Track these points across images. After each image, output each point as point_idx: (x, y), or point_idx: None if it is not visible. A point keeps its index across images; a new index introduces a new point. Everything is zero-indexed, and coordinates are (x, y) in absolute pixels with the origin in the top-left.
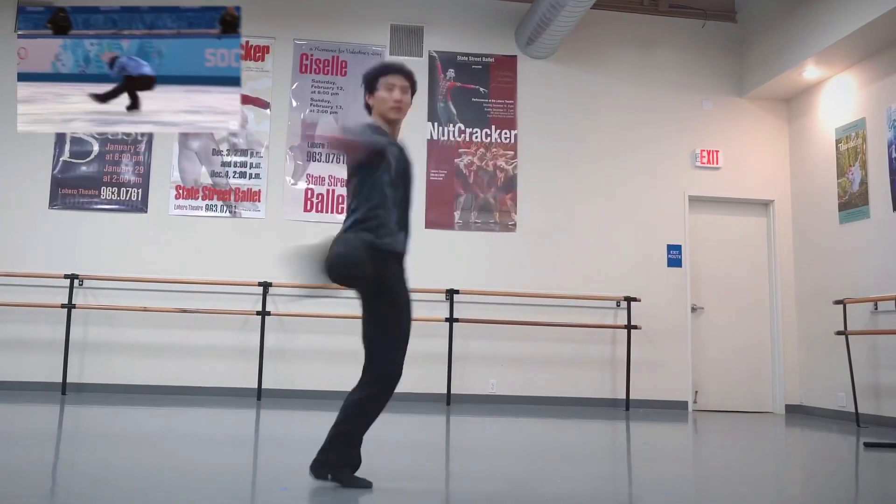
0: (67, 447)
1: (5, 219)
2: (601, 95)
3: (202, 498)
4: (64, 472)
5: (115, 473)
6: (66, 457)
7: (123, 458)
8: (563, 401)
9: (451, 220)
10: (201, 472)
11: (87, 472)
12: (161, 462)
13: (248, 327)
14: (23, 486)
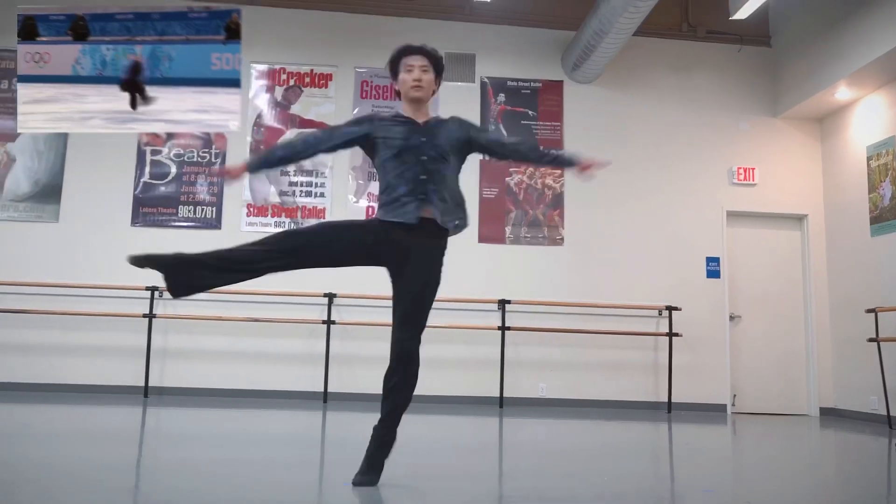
0: (150, 445)
1: (92, 235)
2: (642, 117)
3: (274, 492)
4: (147, 468)
5: (193, 469)
6: (148, 454)
7: (201, 456)
8: (609, 403)
9: (503, 235)
10: (272, 468)
11: (167, 468)
12: (235, 458)
13: (314, 335)
14: (111, 481)
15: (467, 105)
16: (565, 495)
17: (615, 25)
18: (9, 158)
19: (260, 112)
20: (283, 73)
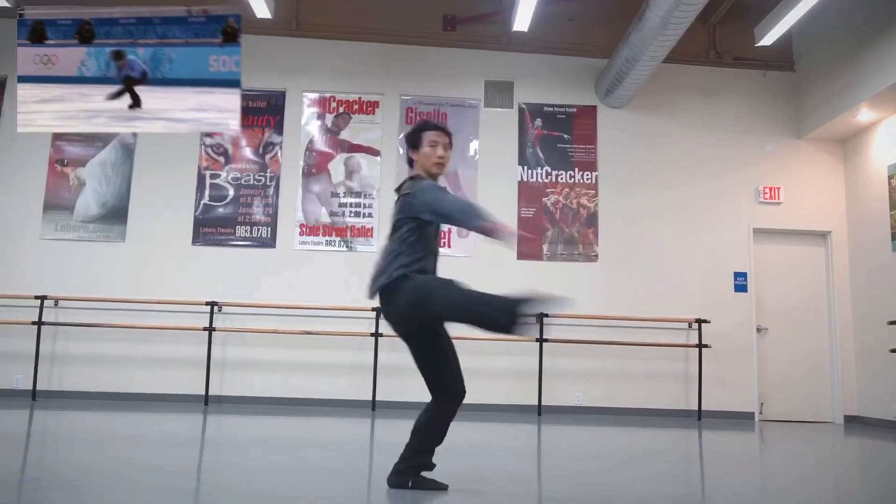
0: (210, 450)
1: (156, 254)
2: (672, 140)
3: (326, 495)
4: (207, 472)
5: (251, 473)
6: (209, 458)
7: (258, 460)
8: (642, 411)
9: (540, 252)
10: (325, 473)
11: (227, 472)
12: (290, 463)
13: (363, 347)
14: (174, 484)
15: (506, 130)
16: (601, 497)
17: (645, 53)
18: (79, 183)
19: (312, 137)
20: (333, 101)
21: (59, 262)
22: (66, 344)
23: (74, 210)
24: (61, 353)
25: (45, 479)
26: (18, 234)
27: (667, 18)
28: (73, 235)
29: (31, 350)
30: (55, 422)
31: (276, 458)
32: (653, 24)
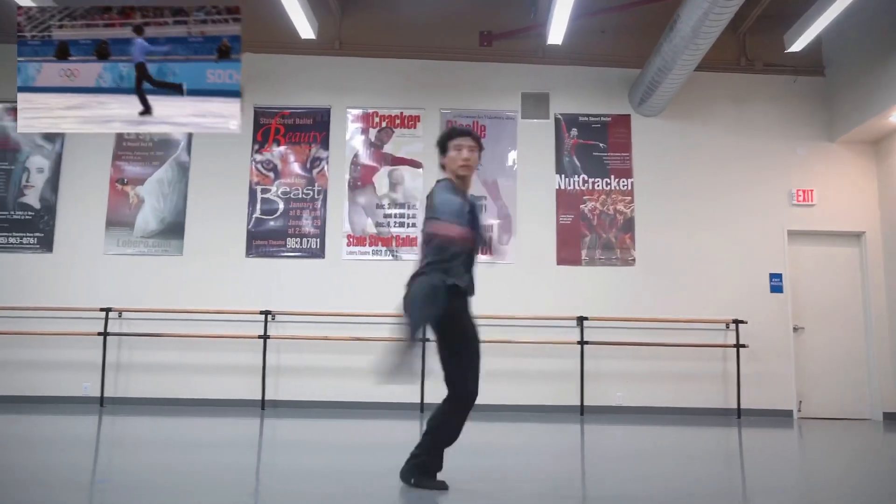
0: (267, 453)
1: (212, 266)
2: (705, 146)
3: (377, 492)
4: (266, 473)
5: (307, 473)
6: (266, 460)
7: (313, 462)
8: (681, 411)
9: (579, 257)
10: (370, 472)
11: (283, 473)
12: (343, 464)
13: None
14: (235, 484)
15: (543, 140)
16: (644, 494)
17: (677, 63)
18: (139, 200)
19: (356, 152)
20: (376, 117)
21: (121, 275)
22: (130, 353)
23: (135, 226)
24: (125, 361)
25: (115, 480)
26: (84, 251)
27: (697, 28)
28: (133, 250)
29: (98, 359)
30: (122, 427)
31: (331, 459)
32: (684, 34)
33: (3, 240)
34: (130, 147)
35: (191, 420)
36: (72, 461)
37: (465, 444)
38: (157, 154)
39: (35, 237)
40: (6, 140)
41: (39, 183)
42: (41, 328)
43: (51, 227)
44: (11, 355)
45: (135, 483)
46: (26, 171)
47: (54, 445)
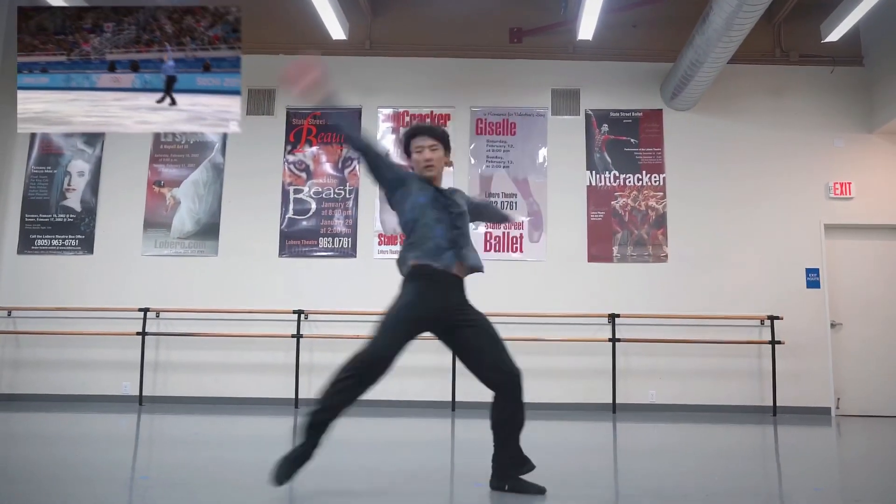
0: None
1: (245, 266)
2: (739, 139)
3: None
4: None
5: (341, 473)
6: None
7: (345, 459)
8: (716, 408)
9: (610, 254)
10: (406, 471)
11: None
12: (378, 462)
13: (441, 350)
14: (266, 482)
15: (574, 136)
16: (678, 493)
17: (710, 56)
18: (175, 202)
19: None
20: (407, 116)
21: (158, 276)
22: (168, 352)
23: (171, 227)
24: (163, 361)
25: (155, 477)
26: (122, 252)
27: (731, 20)
28: (170, 251)
29: (137, 359)
30: (160, 425)
31: (362, 458)
32: (717, 27)
33: (46, 242)
34: (167, 149)
35: (226, 418)
36: (114, 458)
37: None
38: (192, 156)
39: (76, 239)
40: (49, 145)
41: (80, 186)
42: (82, 328)
43: (91, 229)
44: (55, 355)
45: (174, 480)
46: (68, 174)
47: (96, 443)
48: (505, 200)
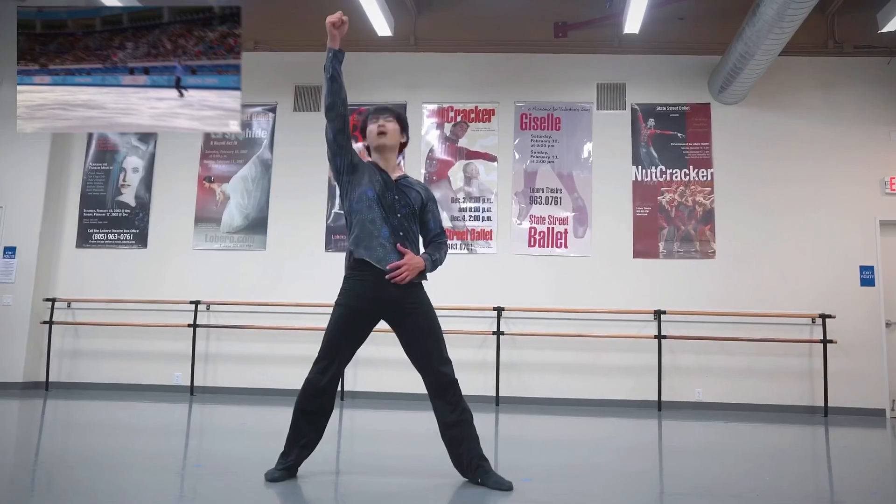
0: (347, 442)
1: (293, 260)
2: (790, 133)
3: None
4: (346, 462)
5: (385, 466)
6: (346, 449)
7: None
8: (765, 407)
9: (656, 250)
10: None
11: (362, 461)
12: (423, 453)
13: (485, 345)
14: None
15: (619, 131)
16: (728, 493)
17: (760, 48)
18: (225, 197)
19: (431, 146)
20: (451, 111)
21: (208, 269)
22: (218, 344)
23: (221, 222)
24: (213, 352)
25: (208, 465)
26: (175, 246)
27: (782, 11)
28: (220, 245)
29: (188, 350)
30: (210, 415)
31: (409, 449)
32: (768, 18)
33: (102, 236)
34: (217, 146)
35: (272, 409)
36: (168, 447)
37: (539, 438)
38: (241, 152)
39: (131, 233)
40: (105, 142)
41: (135, 182)
42: (137, 320)
43: (145, 223)
44: (110, 345)
45: (225, 469)
46: (123, 170)
47: (151, 431)
48: (550, 195)
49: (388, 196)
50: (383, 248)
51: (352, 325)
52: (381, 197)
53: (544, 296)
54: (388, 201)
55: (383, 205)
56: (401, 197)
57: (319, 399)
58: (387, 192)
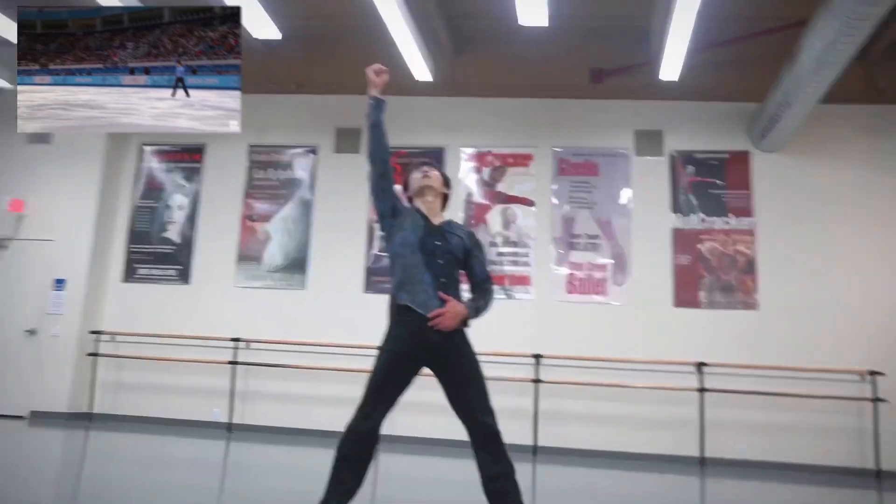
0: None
1: (331, 300)
2: (834, 182)
3: None
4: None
5: None
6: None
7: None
8: (813, 468)
9: (697, 300)
10: None
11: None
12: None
13: (523, 392)
14: None
15: (658, 177)
16: None
17: (800, 96)
18: (267, 236)
19: (469, 191)
20: (489, 156)
21: (249, 307)
22: (257, 382)
23: (263, 260)
24: (252, 390)
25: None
26: (217, 283)
27: (822, 60)
28: (261, 283)
29: (227, 386)
30: (248, 453)
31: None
32: (806, 67)
33: (147, 271)
34: (259, 185)
35: (310, 450)
36: (208, 485)
37: (576, 489)
38: (282, 192)
39: (175, 269)
40: (153, 179)
41: (180, 219)
42: (178, 355)
43: (188, 260)
44: (152, 378)
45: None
46: (168, 208)
47: (190, 468)
48: (588, 241)
49: (430, 242)
50: (426, 293)
51: (396, 371)
52: (422, 242)
53: (583, 343)
54: (429, 247)
55: (425, 250)
56: (443, 243)
57: (362, 445)
58: (428, 238)
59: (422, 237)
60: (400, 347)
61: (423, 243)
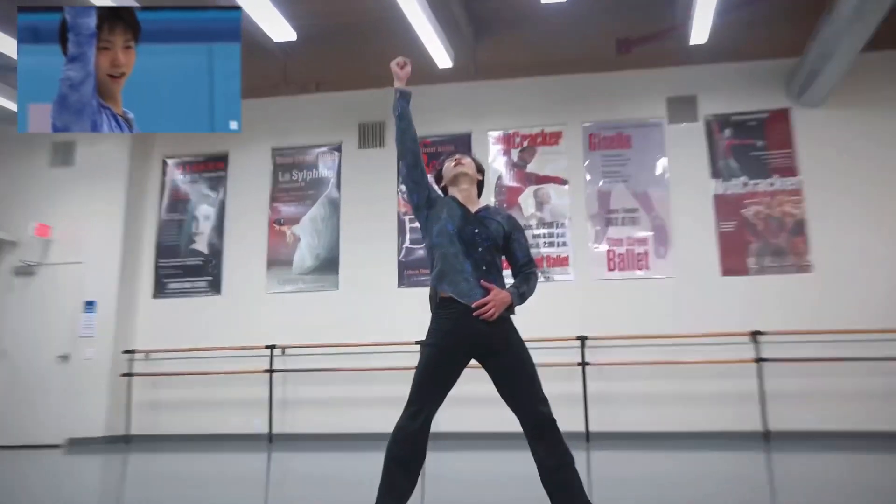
0: (433, 486)
1: (366, 298)
2: (883, 132)
3: None
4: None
5: None
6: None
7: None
8: (886, 435)
9: (745, 267)
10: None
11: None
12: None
13: (571, 377)
14: None
15: (694, 144)
16: None
17: (840, 47)
18: (295, 239)
19: (500, 174)
20: (517, 137)
21: (282, 312)
22: (295, 388)
23: (293, 264)
24: (291, 397)
25: None
26: (248, 291)
27: (861, 6)
28: (293, 287)
29: (265, 396)
30: (291, 463)
31: (499, 494)
32: (845, 15)
33: (177, 285)
34: (285, 188)
35: (354, 455)
36: (254, 500)
37: (635, 475)
38: (309, 193)
39: (205, 281)
40: (177, 192)
41: (207, 230)
42: (214, 368)
43: (218, 270)
44: (189, 395)
45: None
46: (195, 219)
47: (235, 483)
48: (626, 216)
49: (468, 230)
50: (467, 282)
51: (442, 366)
52: (460, 231)
53: (628, 322)
54: (467, 235)
55: (463, 239)
56: (481, 230)
57: (412, 445)
58: (466, 226)
59: (459, 226)
60: (445, 341)
61: (462, 232)
